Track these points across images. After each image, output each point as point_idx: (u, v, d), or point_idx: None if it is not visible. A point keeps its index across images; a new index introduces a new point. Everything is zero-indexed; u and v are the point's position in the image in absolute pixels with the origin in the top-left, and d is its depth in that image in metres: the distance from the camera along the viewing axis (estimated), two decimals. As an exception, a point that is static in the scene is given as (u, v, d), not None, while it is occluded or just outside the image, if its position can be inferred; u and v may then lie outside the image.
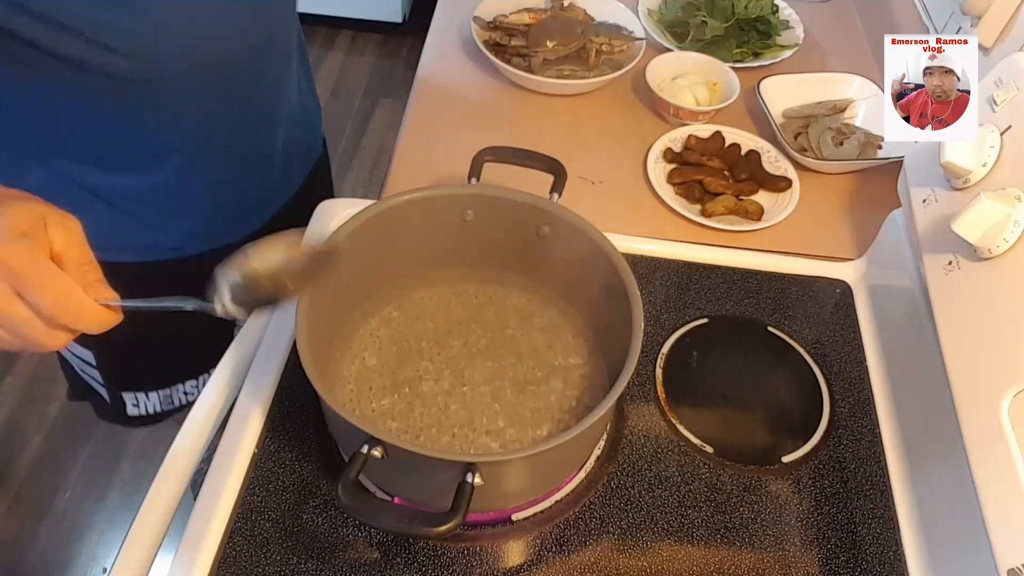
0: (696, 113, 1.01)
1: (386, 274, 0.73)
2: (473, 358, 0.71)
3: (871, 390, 0.76)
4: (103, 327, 0.52)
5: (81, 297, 0.50)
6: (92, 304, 0.51)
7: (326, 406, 0.59)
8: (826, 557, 0.65)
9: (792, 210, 0.91)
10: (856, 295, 0.84)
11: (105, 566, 1.56)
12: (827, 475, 0.70)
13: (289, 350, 0.73)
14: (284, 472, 0.67)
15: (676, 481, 0.69)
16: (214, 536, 0.62)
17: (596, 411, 0.57)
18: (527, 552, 0.65)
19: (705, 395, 0.76)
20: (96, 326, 0.51)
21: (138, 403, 1.06)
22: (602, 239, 0.67)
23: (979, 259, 0.59)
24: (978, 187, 0.61)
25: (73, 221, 0.51)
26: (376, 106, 2.50)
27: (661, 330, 0.79)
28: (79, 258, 0.51)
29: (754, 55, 1.12)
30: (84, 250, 0.51)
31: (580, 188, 0.93)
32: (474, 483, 0.53)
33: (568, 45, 1.06)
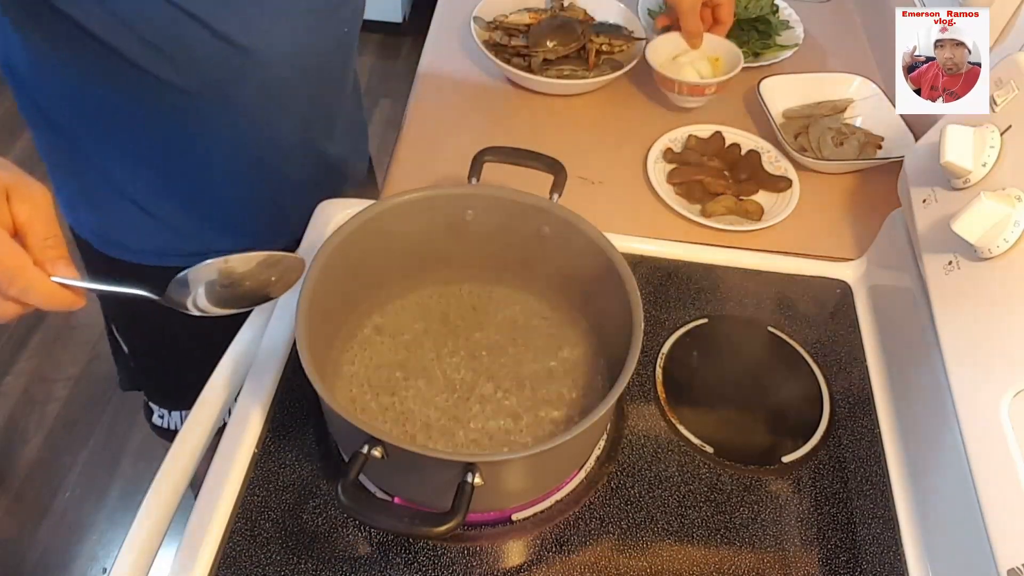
0: (702, 87, 1.01)
1: (386, 274, 0.73)
2: (473, 358, 0.71)
3: (871, 390, 0.76)
4: (57, 306, 0.51)
5: (32, 272, 0.49)
6: (44, 280, 0.49)
7: (326, 406, 0.59)
8: (826, 557, 0.65)
9: (792, 210, 0.91)
10: (856, 295, 0.84)
11: (105, 566, 1.56)
12: (827, 475, 0.70)
13: (289, 350, 0.73)
14: (284, 472, 0.67)
15: (676, 481, 0.69)
16: (214, 536, 0.62)
17: (596, 411, 0.57)
18: (527, 552, 0.65)
19: (705, 395, 0.76)
20: (48, 302, 0.50)
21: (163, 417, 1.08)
22: (602, 239, 0.67)
23: (979, 259, 0.59)
24: (978, 187, 0.61)
25: (41, 192, 0.50)
26: (376, 106, 2.50)
27: (661, 330, 0.79)
28: (42, 232, 0.50)
29: (754, 55, 1.12)
30: (49, 224, 0.50)
31: (580, 188, 0.93)
32: (474, 483, 0.53)
33: (568, 45, 1.06)
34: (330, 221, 0.84)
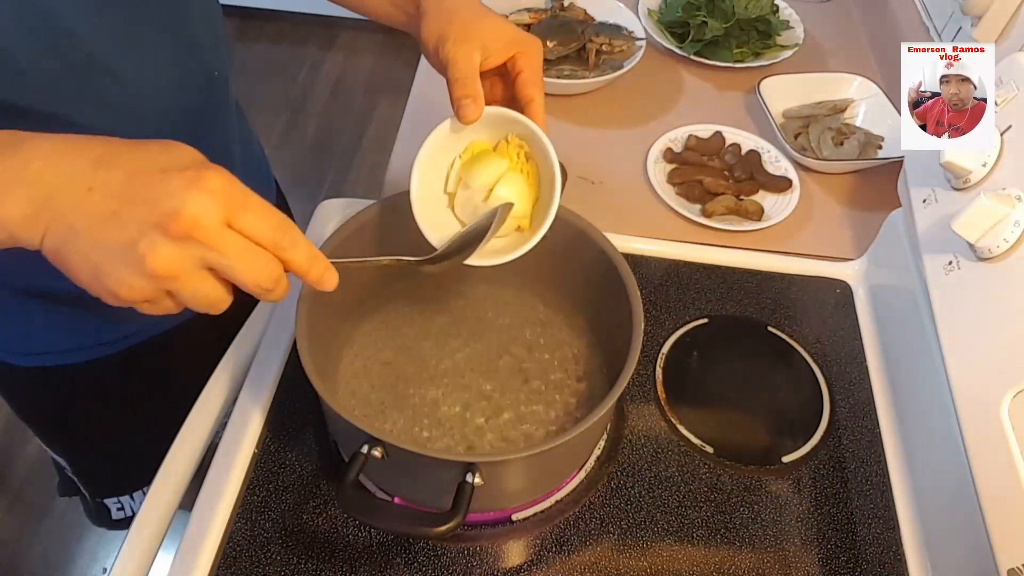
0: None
1: (386, 273, 0.73)
2: (473, 357, 0.71)
3: (871, 390, 0.76)
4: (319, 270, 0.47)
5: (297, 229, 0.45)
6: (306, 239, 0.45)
7: (326, 406, 0.59)
8: (826, 557, 0.65)
9: (792, 210, 0.91)
10: (856, 295, 0.84)
11: (105, 566, 1.56)
12: (827, 475, 0.70)
13: (289, 350, 0.73)
14: (284, 472, 0.67)
15: (676, 481, 0.69)
16: (214, 536, 0.62)
17: (596, 411, 0.57)
18: (527, 552, 0.65)
19: (705, 395, 0.76)
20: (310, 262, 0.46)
21: (123, 506, 0.99)
22: (602, 239, 0.67)
23: (979, 259, 0.59)
24: (978, 187, 0.61)
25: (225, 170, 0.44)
26: (376, 106, 2.50)
27: (661, 330, 0.79)
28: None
29: (754, 55, 1.12)
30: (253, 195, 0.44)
31: (580, 188, 0.93)
32: (474, 483, 0.53)
33: (568, 45, 1.06)
34: (330, 221, 0.84)
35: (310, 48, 2.68)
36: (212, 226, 0.41)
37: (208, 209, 0.41)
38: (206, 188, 0.41)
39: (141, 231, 0.40)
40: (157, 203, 0.40)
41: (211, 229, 0.41)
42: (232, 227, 0.42)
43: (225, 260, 0.42)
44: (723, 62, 1.10)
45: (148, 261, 0.40)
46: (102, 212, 0.41)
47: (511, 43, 0.60)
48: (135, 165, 0.42)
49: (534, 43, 0.62)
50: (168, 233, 0.40)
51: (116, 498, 0.99)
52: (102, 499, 1.00)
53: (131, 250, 0.40)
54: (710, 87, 1.10)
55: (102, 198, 0.41)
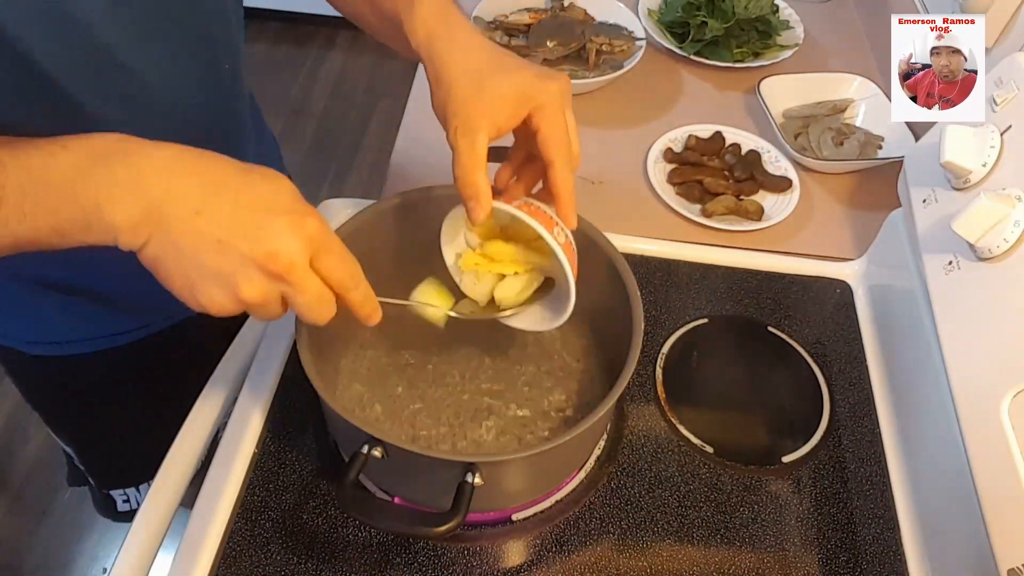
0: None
1: (386, 273, 0.73)
2: (473, 358, 0.71)
3: (871, 390, 0.76)
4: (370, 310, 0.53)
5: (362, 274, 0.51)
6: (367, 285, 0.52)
7: (326, 406, 0.59)
8: (826, 557, 0.65)
9: (792, 210, 0.91)
10: (856, 295, 0.84)
11: (105, 566, 1.56)
12: (827, 475, 0.70)
13: (289, 350, 0.73)
14: (284, 472, 0.67)
15: (676, 481, 0.69)
16: (214, 536, 0.62)
17: (596, 411, 0.57)
18: (527, 552, 0.65)
19: (705, 395, 0.76)
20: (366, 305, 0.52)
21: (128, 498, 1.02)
22: (602, 239, 0.67)
23: (979, 259, 0.59)
24: (978, 187, 0.61)
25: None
26: (376, 106, 2.50)
27: (661, 330, 0.79)
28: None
29: (754, 55, 1.12)
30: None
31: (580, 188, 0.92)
32: (474, 483, 0.53)
33: (568, 45, 1.06)
34: (330, 221, 0.83)
35: (310, 48, 2.68)
36: (302, 269, 0.46)
37: (303, 254, 0.46)
38: (303, 234, 0.46)
39: (241, 263, 0.45)
40: (260, 242, 0.45)
41: (300, 271, 0.46)
42: (312, 265, 0.47)
43: (301, 298, 0.48)
44: (723, 62, 1.10)
45: (243, 291, 0.46)
46: (207, 239, 0.45)
47: (520, 102, 0.55)
48: (242, 198, 0.46)
49: (547, 91, 0.55)
50: (264, 270, 0.46)
51: (122, 490, 1.02)
52: (108, 490, 1.02)
53: (229, 278, 0.45)
54: (710, 87, 1.10)
55: (208, 225, 0.45)
